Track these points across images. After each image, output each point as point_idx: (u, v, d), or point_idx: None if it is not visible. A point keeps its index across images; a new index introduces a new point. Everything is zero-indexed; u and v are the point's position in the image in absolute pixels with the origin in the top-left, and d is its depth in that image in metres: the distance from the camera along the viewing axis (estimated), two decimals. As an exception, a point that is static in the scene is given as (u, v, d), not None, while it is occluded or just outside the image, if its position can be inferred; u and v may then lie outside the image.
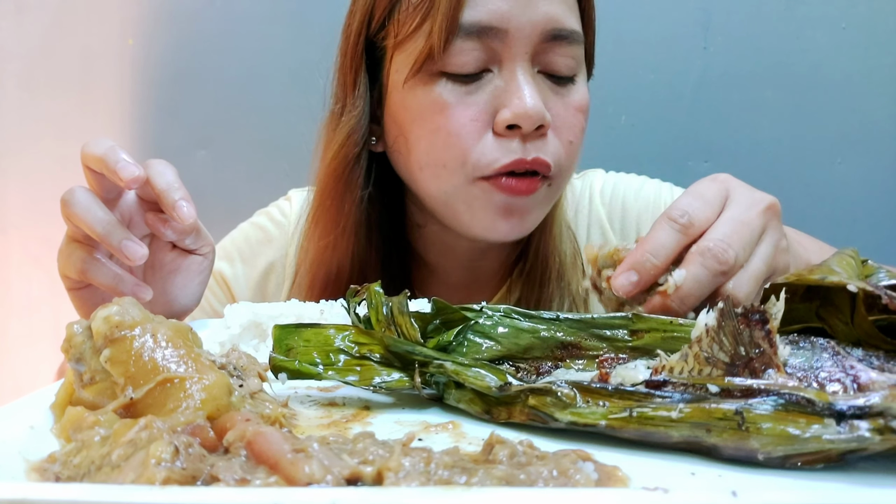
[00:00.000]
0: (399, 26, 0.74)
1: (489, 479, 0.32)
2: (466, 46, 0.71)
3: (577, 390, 0.41)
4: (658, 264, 0.54)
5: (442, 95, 0.72)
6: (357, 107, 0.79)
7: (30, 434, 0.40)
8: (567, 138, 0.75)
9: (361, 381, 0.48)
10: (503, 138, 0.72)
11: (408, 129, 0.76)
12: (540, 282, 0.85)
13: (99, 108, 1.55)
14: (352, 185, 0.81)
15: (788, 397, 0.35)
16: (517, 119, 0.70)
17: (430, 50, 0.71)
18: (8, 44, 1.55)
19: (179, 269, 0.69)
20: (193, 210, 0.61)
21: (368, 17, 0.77)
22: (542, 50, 0.72)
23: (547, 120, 0.71)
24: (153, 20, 1.53)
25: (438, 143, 0.74)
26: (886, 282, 0.44)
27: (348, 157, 0.80)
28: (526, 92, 0.70)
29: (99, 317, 0.42)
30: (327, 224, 0.82)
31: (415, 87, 0.74)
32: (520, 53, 0.71)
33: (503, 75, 0.72)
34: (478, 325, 0.53)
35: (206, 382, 0.40)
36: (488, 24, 0.70)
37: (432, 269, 0.90)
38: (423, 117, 0.74)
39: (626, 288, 0.54)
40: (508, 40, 0.71)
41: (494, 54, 0.71)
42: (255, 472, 0.32)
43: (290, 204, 0.98)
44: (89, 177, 0.63)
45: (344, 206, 0.81)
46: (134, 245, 0.59)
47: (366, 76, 0.79)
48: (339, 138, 0.80)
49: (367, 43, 0.78)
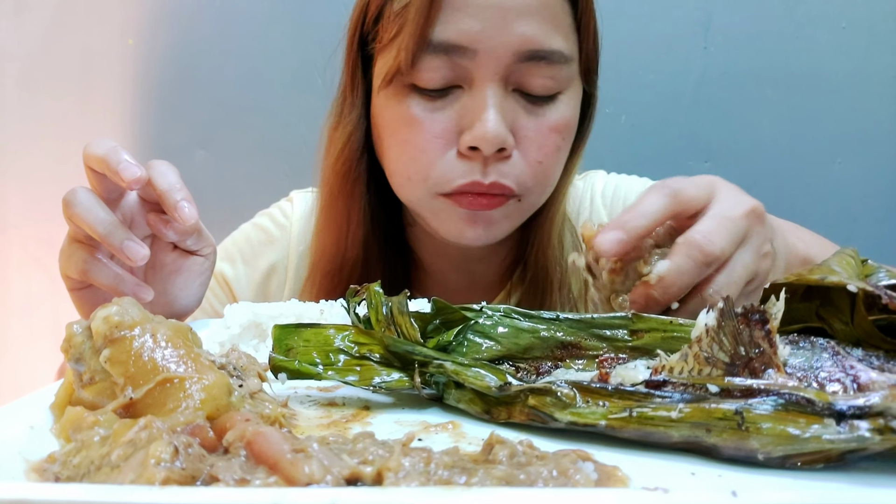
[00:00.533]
0: (383, 31, 0.74)
1: (489, 479, 0.32)
2: (434, 64, 0.70)
3: (577, 390, 0.41)
4: (644, 223, 0.53)
5: (410, 108, 0.73)
6: (357, 106, 0.80)
7: (29, 434, 0.40)
8: (535, 158, 0.74)
9: (361, 381, 0.48)
10: (465, 158, 0.72)
11: (383, 134, 0.78)
12: (542, 290, 0.85)
13: (99, 108, 1.55)
14: (358, 181, 0.82)
15: (788, 397, 0.35)
16: (476, 142, 0.70)
17: (398, 64, 0.71)
18: (8, 44, 1.55)
19: (180, 270, 0.69)
20: (195, 211, 0.61)
21: (363, 19, 0.78)
22: (516, 70, 0.71)
23: (508, 143, 0.71)
24: (153, 20, 1.53)
25: (404, 157, 0.75)
26: (886, 282, 0.44)
27: (352, 156, 0.81)
28: (489, 115, 0.70)
29: (98, 317, 0.42)
30: (340, 217, 0.83)
31: (388, 98, 0.75)
32: (489, 74, 0.70)
33: (472, 94, 0.72)
34: (478, 325, 0.53)
35: (206, 382, 0.40)
36: (457, 44, 0.69)
37: (429, 271, 0.91)
38: (393, 127, 0.75)
39: (610, 244, 0.52)
40: (478, 60, 0.70)
41: (465, 72, 0.71)
42: (255, 472, 0.32)
43: (292, 205, 0.98)
44: (91, 177, 0.63)
45: (353, 200, 0.82)
46: (135, 245, 0.59)
47: (362, 76, 0.80)
48: (342, 138, 0.81)
49: (361, 44, 0.79)
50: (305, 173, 0.93)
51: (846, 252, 0.50)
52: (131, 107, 1.55)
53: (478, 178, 0.72)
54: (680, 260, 0.53)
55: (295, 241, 0.94)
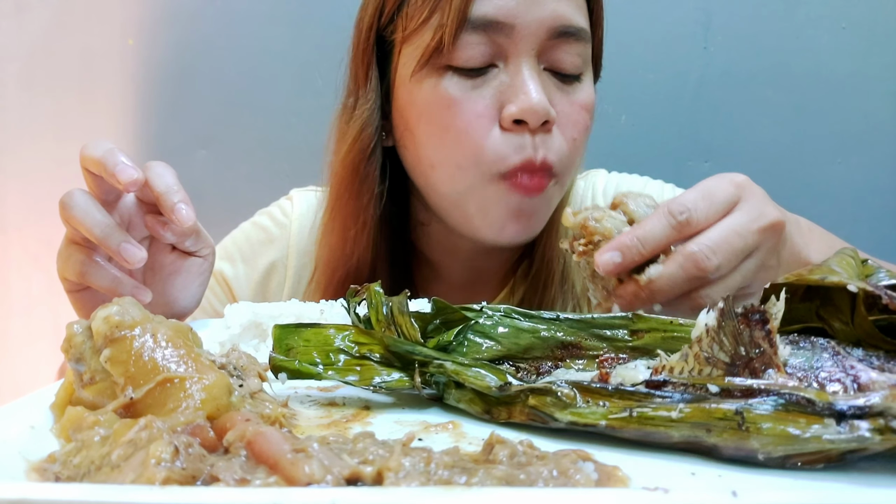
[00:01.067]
0: (408, 20, 0.74)
1: (489, 479, 0.32)
2: (473, 40, 0.71)
3: (577, 390, 0.41)
4: (644, 253, 0.55)
5: (448, 89, 0.72)
6: (370, 100, 0.79)
7: (30, 434, 0.40)
8: (571, 135, 0.75)
9: (361, 381, 0.48)
10: (510, 133, 0.72)
11: (414, 124, 0.76)
12: (544, 284, 0.85)
13: (99, 108, 1.55)
14: (368, 178, 0.81)
15: (788, 397, 0.35)
16: (523, 114, 0.70)
17: (438, 42, 0.71)
18: (8, 44, 1.55)
19: (179, 271, 0.69)
20: (193, 212, 0.61)
21: (379, 11, 0.78)
22: (548, 47, 0.73)
23: (552, 115, 0.72)
24: (153, 20, 1.53)
25: (448, 142, 0.74)
26: (886, 282, 0.44)
27: (364, 151, 0.80)
28: (531, 87, 0.71)
29: (99, 317, 0.42)
30: (347, 217, 0.82)
31: (421, 81, 0.74)
32: (525, 49, 0.72)
33: (509, 70, 0.72)
34: (478, 324, 0.53)
35: (206, 382, 0.40)
36: (495, 19, 0.70)
37: (435, 268, 0.90)
38: (429, 112, 0.74)
39: (608, 267, 0.55)
40: (515, 36, 0.71)
41: (501, 49, 0.72)
42: (255, 472, 0.32)
43: (292, 204, 0.97)
44: (88, 179, 0.62)
45: (362, 199, 0.81)
46: (132, 248, 0.59)
47: (376, 70, 0.79)
48: (354, 131, 0.80)
49: (378, 37, 0.79)
50: (306, 173, 0.93)
51: (846, 252, 0.50)
52: (131, 107, 1.55)
53: (530, 155, 0.72)
54: (673, 269, 0.54)
55: (294, 239, 0.94)
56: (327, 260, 0.84)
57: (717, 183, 0.57)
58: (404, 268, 0.88)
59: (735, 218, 0.55)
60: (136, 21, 1.53)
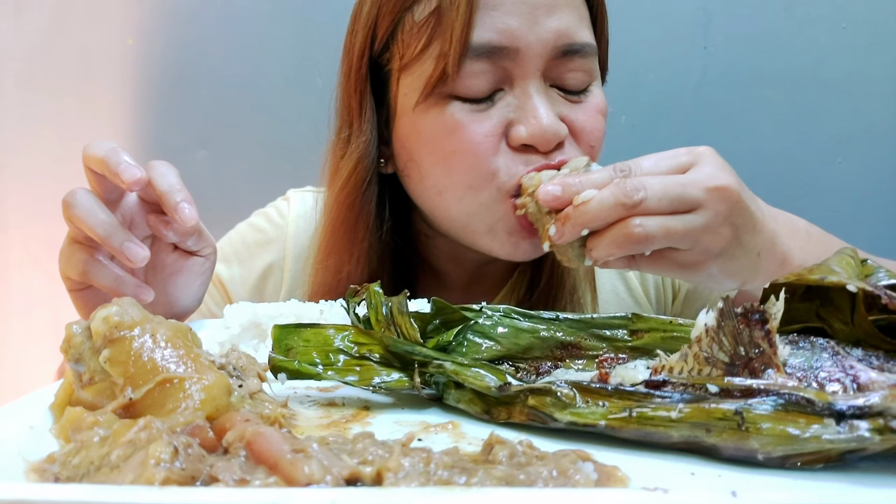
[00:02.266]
0: (404, 48, 0.72)
1: (489, 480, 0.32)
2: (477, 68, 0.69)
3: (576, 390, 0.41)
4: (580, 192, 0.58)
5: (454, 115, 0.70)
6: (365, 132, 0.77)
7: (29, 434, 0.40)
8: (588, 143, 0.73)
9: (361, 382, 0.48)
10: (520, 153, 0.70)
11: (419, 154, 0.74)
12: (554, 298, 0.84)
13: (99, 108, 1.55)
14: (364, 212, 0.79)
15: (788, 397, 0.35)
16: (533, 140, 0.69)
17: (441, 73, 0.68)
18: (8, 44, 1.55)
19: (181, 271, 0.69)
20: (195, 212, 0.61)
21: (371, 38, 0.75)
22: (553, 66, 0.71)
23: (563, 135, 0.70)
24: (153, 20, 1.53)
25: (457, 167, 0.71)
26: (886, 282, 0.44)
27: (359, 186, 0.77)
28: (541, 111, 0.69)
29: (98, 317, 0.42)
30: (342, 254, 0.80)
31: (426, 112, 0.72)
32: (531, 71, 0.69)
33: (515, 93, 0.70)
34: (477, 325, 0.53)
35: (206, 383, 0.40)
36: (499, 45, 0.68)
37: (439, 275, 0.90)
38: (435, 141, 0.72)
39: (546, 198, 0.60)
40: (520, 59, 0.69)
41: (506, 73, 0.70)
42: (255, 473, 0.32)
43: (289, 205, 0.96)
44: (91, 178, 0.62)
45: (357, 235, 0.79)
46: (135, 247, 0.59)
47: (371, 99, 0.77)
48: (349, 166, 0.77)
49: (371, 63, 0.76)
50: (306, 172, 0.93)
51: (846, 252, 0.50)
52: (131, 106, 1.55)
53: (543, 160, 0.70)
54: (604, 193, 0.57)
55: (291, 241, 0.93)
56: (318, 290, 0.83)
57: (673, 150, 0.60)
58: (408, 275, 0.87)
59: (686, 176, 0.58)
60: (135, 21, 1.53)
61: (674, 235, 0.57)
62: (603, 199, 0.57)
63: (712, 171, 0.58)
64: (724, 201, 0.58)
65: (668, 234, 0.57)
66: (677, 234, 0.57)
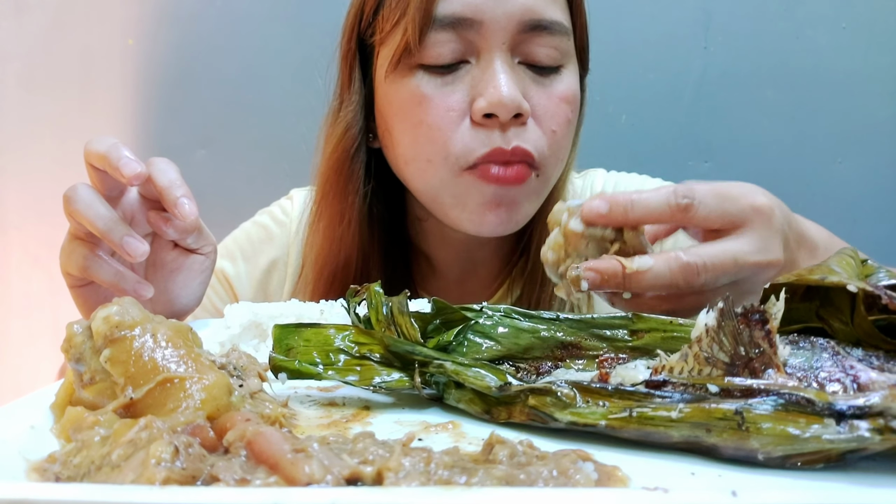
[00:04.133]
0: (384, 22, 0.75)
1: (489, 479, 0.32)
2: (441, 38, 0.71)
3: (577, 390, 0.41)
4: (631, 212, 0.53)
5: (420, 87, 0.73)
6: (353, 102, 0.80)
7: (30, 434, 0.40)
8: (549, 127, 0.75)
9: (361, 381, 0.48)
10: (481, 128, 0.72)
11: (391, 123, 0.77)
12: (541, 281, 0.85)
13: (99, 108, 1.55)
14: (353, 178, 0.82)
15: (788, 397, 0.35)
16: (492, 108, 0.70)
17: (406, 43, 0.71)
18: (8, 44, 1.55)
19: (181, 269, 0.69)
20: (195, 208, 0.61)
21: (360, 15, 0.79)
22: (521, 41, 0.72)
23: (524, 108, 0.71)
24: (153, 20, 1.53)
25: (420, 138, 0.74)
26: (886, 282, 0.44)
27: (347, 151, 0.81)
28: (501, 80, 0.70)
29: (99, 317, 0.42)
30: (332, 217, 0.83)
31: (395, 81, 0.75)
32: (496, 44, 0.71)
33: (480, 65, 0.72)
34: (478, 325, 0.53)
35: (206, 382, 0.40)
36: (462, 16, 0.71)
37: (432, 263, 0.91)
38: (403, 111, 0.75)
39: (592, 211, 0.53)
40: (484, 31, 0.71)
41: (471, 45, 0.72)
42: (255, 472, 0.32)
43: (292, 203, 0.98)
44: (92, 174, 0.63)
45: (347, 199, 0.82)
46: (135, 241, 0.59)
47: (360, 72, 0.80)
48: (338, 132, 0.81)
49: (359, 40, 0.80)
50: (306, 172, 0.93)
51: (846, 252, 0.50)
52: (131, 106, 1.55)
53: (499, 145, 0.71)
54: (661, 269, 0.52)
55: (295, 238, 0.95)
56: (315, 258, 0.85)
57: (738, 191, 0.55)
58: (401, 263, 0.89)
59: (739, 243, 0.54)
60: (136, 21, 1.53)
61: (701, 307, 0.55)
62: (659, 275, 0.52)
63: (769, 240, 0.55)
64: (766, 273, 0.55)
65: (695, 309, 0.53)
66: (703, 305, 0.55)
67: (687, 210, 0.53)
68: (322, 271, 0.84)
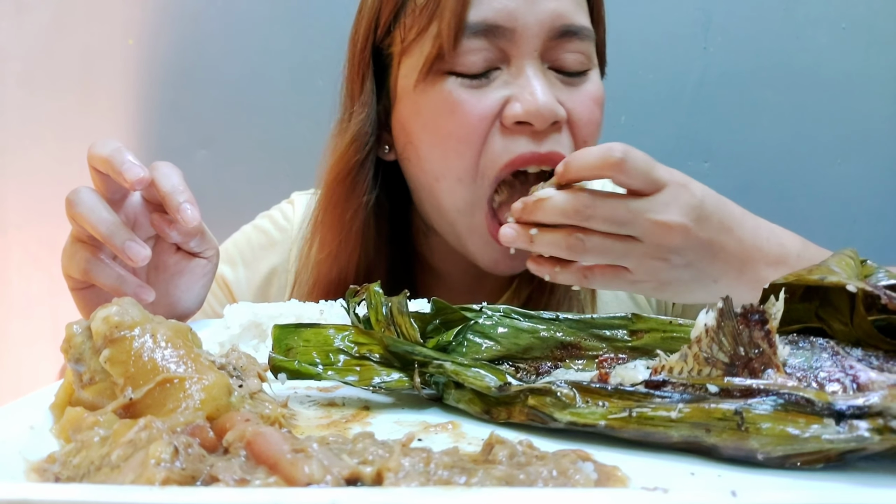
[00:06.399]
0: (406, 31, 0.74)
1: (489, 480, 0.32)
2: (474, 45, 0.70)
3: (576, 390, 0.41)
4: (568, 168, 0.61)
5: (452, 94, 0.72)
6: (362, 112, 0.78)
7: (30, 434, 0.40)
8: (582, 136, 0.74)
9: (361, 382, 0.48)
10: (511, 134, 0.71)
11: (418, 137, 0.75)
12: (550, 289, 0.84)
13: (99, 108, 1.55)
14: (356, 190, 0.80)
15: (788, 397, 0.35)
16: (528, 116, 0.69)
17: (438, 50, 0.70)
18: (8, 44, 1.55)
19: (183, 272, 0.69)
20: (198, 213, 0.61)
21: (374, 24, 0.77)
22: (551, 47, 0.72)
23: (560, 115, 0.70)
24: (154, 20, 1.53)
25: (450, 153, 0.73)
26: (885, 282, 0.44)
27: (352, 163, 0.79)
28: (537, 87, 0.70)
29: (98, 317, 0.42)
30: (331, 230, 0.81)
31: (425, 90, 0.73)
32: (528, 51, 0.71)
33: (512, 72, 0.71)
34: (477, 325, 0.53)
35: (206, 383, 0.40)
36: (494, 23, 0.70)
37: (438, 274, 0.90)
38: (434, 120, 0.73)
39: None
40: (516, 38, 0.70)
41: (503, 53, 0.71)
42: (255, 473, 0.32)
43: (293, 207, 0.96)
44: (95, 177, 0.63)
45: (347, 214, 0.80)
46: (137, 246, 0.59)
47: (373, 83, 0.79)
48: (343, 144, 0.79)
49: (374, 50, 0.78)
50: (307, 174, 0.93)
51: (845, 252, 0.50)
52: (132, 107, 1.55)
53: (533, 148, 0.71)
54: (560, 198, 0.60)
55: (296, 244, 0.93)
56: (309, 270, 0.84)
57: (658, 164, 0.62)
58: (406, 274, 0.88)
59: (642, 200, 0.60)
60: (136, 21, 1.53)
61: (610, 255, 0.61)
62: (556, 203, 0.60)
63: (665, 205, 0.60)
64: (666, 237, 0.60)
65: (603, 253, 0.61)
66: (613, 255, 0.61)
67: (618, 166, 0.59)
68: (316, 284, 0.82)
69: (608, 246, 0.61)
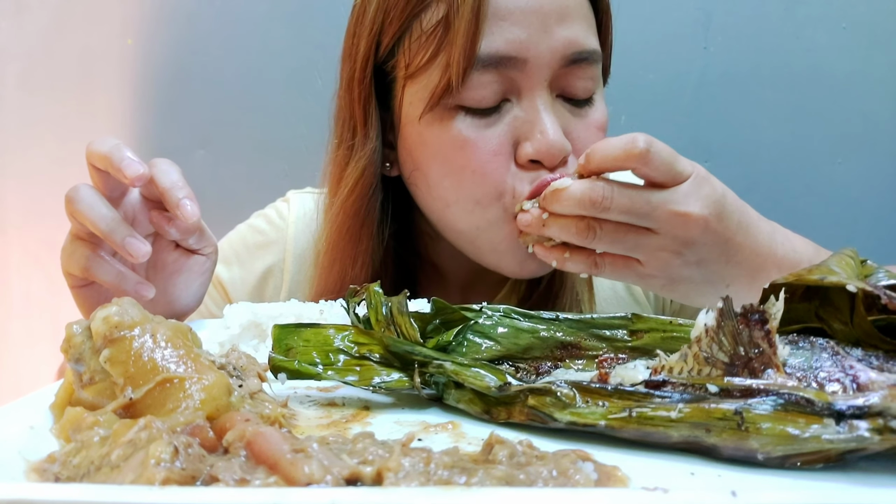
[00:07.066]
0: (411, 56, 0.70)
1: (489, 480, 0.32)
2: (485, 79, 0.67)
3: (576, 390, 0.41)
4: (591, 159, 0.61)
5: (462, 132, 0.69)
6: (371, 139, 0.75)
7: (30, 434, 0.40)
8: None
9: (361, 382, 0.48)
10: (527, 171, 0.70)
11: (426, 165, 0.73)
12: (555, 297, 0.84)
13: (98, 108, 1.55)
14: (368, 220, 0.78)
15: (788, 397, 0.35)
16: (539, 155, 0.68)
17: (447, 84, 0.67)
18: (8, 44, 1.55)
19: (182, 269, 0.69)
20: (197, 209, 0.61)
21: (376, 45, 0.73)
22: (561, 75, 0.70)
23: (568, 150, 0.69)
24: (153, 20, 1.53)
25: (465, 182, 0.71)
26: (885, 282, 0.44)
27: (365, 195, 0.76)
28: (547, 124, 0.68)
29: (98, 317, 0.42)
30: (344, 262, 0.79)
31: (431, 123, 0.71)
32: (539, 82, 0.69)
33: (522, 105, 0.69)
34: (477, 325, 0.53)
35: (206, 382, 0.40)
36: (506, 54, 0.67)
37: (439, 271, 0.90)
38: (443, 154, 0.71)
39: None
40: (528, 69, 0.68)
41: (513, 84, 0.69)
42: (255, 473, 0.32)
43: (289, 206, 0.95)
44: (94, 175, 0.63)
45: (361, 244, 0.78)
46: (137, 242, 0.59)
47: (377, 107, 0.75)
48: (355, 175, 0.76)
49: (375, 69, 0.75)
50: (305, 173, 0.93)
51: (845, 252, 0.50)
52: (131, 107, 1.55)
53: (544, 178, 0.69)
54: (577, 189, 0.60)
55: (291, 244, 0.92)
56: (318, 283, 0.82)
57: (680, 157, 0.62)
58: (409, 275, 0.87)
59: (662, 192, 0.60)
60: (135, 21, 1.53)
61: (623, 244, 0.61)
62: (573, 193, 0.60)
63: (686, 196, 0.60)
64: (684, 229, 0.60)
65: (616, 240, 0.61)
66: (626, 244, 0.61)
67: (642, 157, 0.59)
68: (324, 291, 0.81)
69: (622, 234, 0.61)
